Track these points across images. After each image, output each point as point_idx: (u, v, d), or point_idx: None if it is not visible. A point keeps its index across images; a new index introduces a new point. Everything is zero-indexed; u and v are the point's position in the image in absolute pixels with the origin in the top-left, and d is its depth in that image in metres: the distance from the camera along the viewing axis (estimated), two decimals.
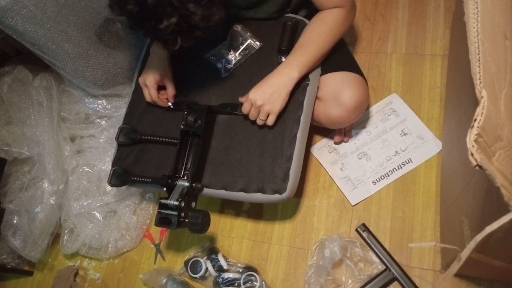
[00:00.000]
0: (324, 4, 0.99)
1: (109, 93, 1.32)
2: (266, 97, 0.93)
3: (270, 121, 0.95)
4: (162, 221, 0.94)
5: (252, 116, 0.97)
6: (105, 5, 1.20)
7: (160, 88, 1.09)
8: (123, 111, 1.20)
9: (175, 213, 0.92)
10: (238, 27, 1.06)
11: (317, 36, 0.98)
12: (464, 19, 0.55)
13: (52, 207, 1.22)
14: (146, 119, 1.13)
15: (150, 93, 1.07)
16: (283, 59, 1.02)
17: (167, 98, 1.09)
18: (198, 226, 0.92)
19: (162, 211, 0.94)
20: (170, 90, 1.07)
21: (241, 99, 0.99)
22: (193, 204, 0.98)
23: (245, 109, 0.97)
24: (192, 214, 0.93)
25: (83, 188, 1.27)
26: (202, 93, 1.08)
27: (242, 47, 1.06)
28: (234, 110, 1.02)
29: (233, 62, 1.07)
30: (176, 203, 0.91)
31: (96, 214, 1.24)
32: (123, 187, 1.26)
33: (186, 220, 0.94)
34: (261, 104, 0.93)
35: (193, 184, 0.97)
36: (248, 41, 1.06)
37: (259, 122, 0.97)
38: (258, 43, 1.07)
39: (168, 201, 0.92)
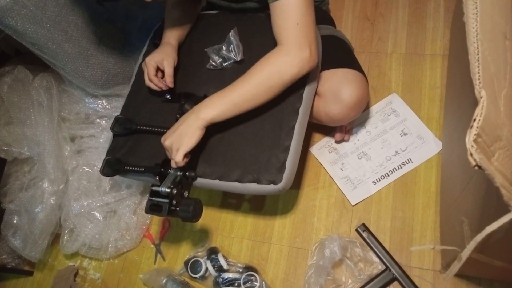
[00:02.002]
0: (276, 29, 0.89)
1: (109, 93, 1.32)
2: (173, 137, 0.90)
3: (177, 157, 0.89)
4: (152, 208, 0.91)
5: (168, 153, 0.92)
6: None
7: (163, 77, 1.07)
8: None
9: (166, 200, 0.89)
10: (231, 35, 1.05)
11: (247, 80, 0.89)
12: (464, 19, 0.55)
13: (52, 207, 1.22)
14: (143, 110, 1.11)
15: (147, 71, 1.04)
16: None
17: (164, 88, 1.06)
18: (189, 213, 0.88)
19: (153, 198, 0.91)
20: (167, 72, 1.03)
21: None
22: (186, 193, 0.96)
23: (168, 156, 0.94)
24: (184, 202, 0.90)
25: (83, 188, 1.27)
26: (200, 85, 1.07)
27: (227, 55, 1.05)
28: None
29: (224, 63, 1.07)
30: (167, 190, 0.88)
31: (96, 214, 1.24)
32: (124, 187, 1.26)
33: (178, 208, 0.91)
34: (170, 146, 0.90)
35: (187, 173, 0.96)
36: (232, 52, 1.04)
37: (173, 164, 0.91)
38: (238, 56, 1.04)
39: (159, 188, 0.90)
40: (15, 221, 1.23)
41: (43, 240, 1.22)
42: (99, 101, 1.34)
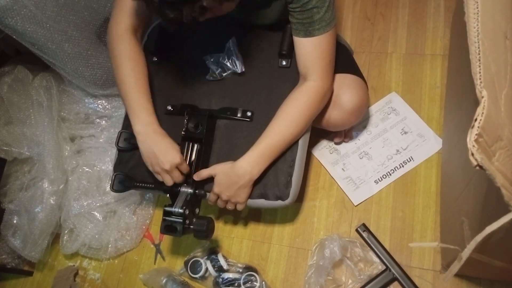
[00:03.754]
0: (302, 65, 0.92)
1: (109, 93, 1.32)
2: (231, 192, 0.94)
3: (240, 208, 0.97)
4: (167, 228, 0.94)
5: (220, 205, 0.98)
6: (105, 5, 1.21)
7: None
8: (123, 111, 1.20)
9: (180, 220, 0.92)
10: (230, 44, 1.04)
11: (281, 125, 0.92)
12: (465, 19, 0.55)
13: (52, 207, 1.22)
14: None
15: (174, 177, 0.94)
16: (284, 63, 1.02)
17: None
18: (203, 233, 0.93)
19: (167, 218, 0.94)
20: (185, 169, 0.97)
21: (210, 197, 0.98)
22: (197, 210, 0.99)
23: (211, 199, 0.98)
24: (197, 222, 0.95)
25: (83, 188, 1.27)
26: (202, 97, 1.07)
27: (227, 65, 1.05)
28: (234, 115, 1.02)
29: (223, 73, 1.06)
30: (180, 210, 0.92)
31: (96, 214, 1.24)
32: None
33: (191, 226, 0.94)
34: (227, 199, 0.95)
35: (197, 191, 0.97)
36: (232, 63, 1.04)
37: (229, 207, 0.98)
38: (238, 68, 1.03)
39: (172, 209, 0.93)
40: (15, 221, 1.23)
41: (43, 240, 1.22)
42: (99, 101, 1.34)
